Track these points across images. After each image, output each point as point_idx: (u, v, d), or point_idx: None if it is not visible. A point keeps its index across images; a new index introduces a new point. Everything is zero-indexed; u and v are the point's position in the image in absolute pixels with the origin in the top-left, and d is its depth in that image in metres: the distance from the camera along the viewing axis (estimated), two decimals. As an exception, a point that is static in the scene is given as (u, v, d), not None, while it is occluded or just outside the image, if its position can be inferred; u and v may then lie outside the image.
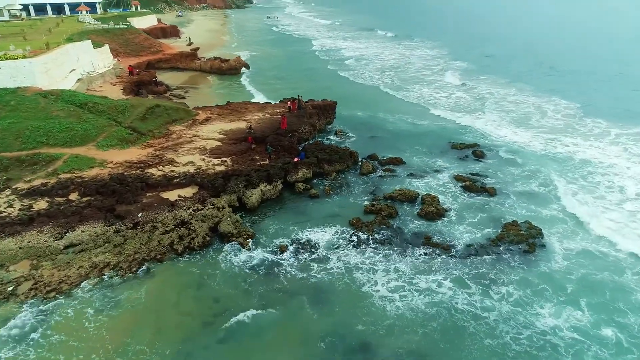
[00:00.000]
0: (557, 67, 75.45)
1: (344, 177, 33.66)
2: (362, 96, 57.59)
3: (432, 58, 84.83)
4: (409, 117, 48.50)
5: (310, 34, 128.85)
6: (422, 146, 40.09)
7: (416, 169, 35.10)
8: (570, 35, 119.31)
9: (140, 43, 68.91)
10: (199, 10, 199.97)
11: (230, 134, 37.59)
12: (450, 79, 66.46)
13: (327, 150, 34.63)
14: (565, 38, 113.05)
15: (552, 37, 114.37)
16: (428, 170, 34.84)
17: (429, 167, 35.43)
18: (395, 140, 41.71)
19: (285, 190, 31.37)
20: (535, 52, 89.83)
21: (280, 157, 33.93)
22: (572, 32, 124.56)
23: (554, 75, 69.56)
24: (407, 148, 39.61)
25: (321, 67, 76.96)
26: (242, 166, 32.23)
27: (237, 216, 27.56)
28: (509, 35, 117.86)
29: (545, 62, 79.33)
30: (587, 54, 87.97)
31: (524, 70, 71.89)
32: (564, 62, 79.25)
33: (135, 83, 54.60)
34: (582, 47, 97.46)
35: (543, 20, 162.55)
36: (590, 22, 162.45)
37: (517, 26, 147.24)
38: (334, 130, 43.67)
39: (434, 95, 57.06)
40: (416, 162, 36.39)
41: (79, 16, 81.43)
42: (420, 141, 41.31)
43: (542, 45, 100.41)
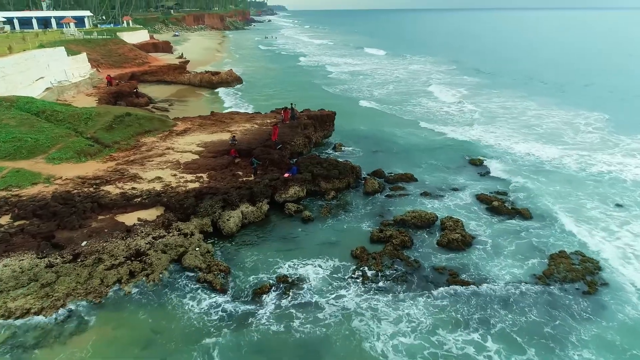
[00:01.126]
0: (569, 81, 70.61)
1: (344, 196, 27.95)
2: (363, 109, 52.41)
3: (436, 72, 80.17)
4: (418, 131, 43.10)
5: (304, 51, 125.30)
6: (435, 161, 34.50)
7: (430, 186, 29.40)
8: (578, 52, 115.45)
9: (124, 54, 64.19)
10: (196, 31, 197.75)
11: (211, 146, 32.02)
12: (460, 93, 61.29)
13: (324, 165, 28.99)
14: (572, 55, 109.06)
15: (556, 55, 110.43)
16: (445, 189, 29.14)
17: (445, 185, 29.74)
18: (404, 154, 36.17)
19: (273, 212, 25.62)
20: (540, 68, 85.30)
21: (268, 173, 28.29)
22: (580, 49, 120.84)
23: (570, 89, 64.54)
24: (418, 163, 34.01)
25: (316, 82, 72.08)
26: (221, 183, 26.56)
27: (209, 245, 21.68)
28: (511, 52, 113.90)
29: (554, 77, 74.58)
30: (598, 69, 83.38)
31: (538, 85, 66.86)
32: (577, 77, 74.53)
33: (114, 94, 49.42)
34: (595, 63, 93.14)
35: (543, 40, 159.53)
36: (591, 37, 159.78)
37: (517, 42, 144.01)
38: (333, 144, 38.17)
39: (444, 110, 51.71)
40: (430, 179, 30.72)
41: (63, 29, 77.07)
42: (432, 156, 35.75)
43: (546, 62, 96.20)
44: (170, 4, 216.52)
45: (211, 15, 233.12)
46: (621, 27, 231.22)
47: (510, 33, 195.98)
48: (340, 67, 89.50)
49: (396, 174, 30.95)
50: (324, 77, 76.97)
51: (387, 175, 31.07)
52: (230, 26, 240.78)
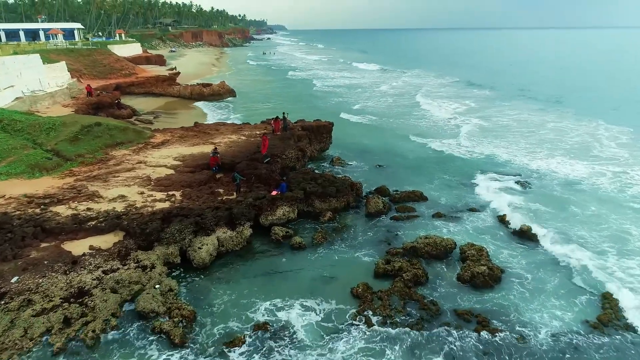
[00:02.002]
0: (581, 95, 66.98)
1: (342, 218, 23.68)
2: (363, 122, 48.44)
3: (439, 85, 76.68)
4: (424, 144, 39.05)
5: (299, 65, 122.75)
6: (447, 176, 30.34)
7: (444, 206, 25.16)
8: (583, 68, 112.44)
9: (110, 65, 60.63)
10: (194, 48, 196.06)
11: (189, 160, 27.86)
12: (467, 106, 57.41)
13: (320, 181, 24.78)
14: (580, 72, 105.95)
15: (565, 72, 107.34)
16: (461, 208, 24.90)
17: (461, 204, 25.50)
18: (410, 169, 32.02)
19: (256, 237, 21.32)
20: (546, 83, 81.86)
21: (253, 190, 24.09)
22: (585, 66, 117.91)
23: (581, 102, 60.73)
24: (427, 179, 29.84)
25: (310, 94, 68.42)
26: (197, 202, 22.32)
27: (173, 281, 17.29)
28: (515, 69, 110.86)
29: (564, 91, 70.99)
30: (607, 84, 79.90)
31: (548, 98, 63.08)
32: (586, 91, 70.95)
33: (93, 105, 45.54)
34: (604, 78, 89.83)
35: (546, 56, 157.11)
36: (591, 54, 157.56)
37: (521, 59, 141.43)
38: (330, 157, 34.05)
39: (452, 123, 47.62)
40: (442, 197, 26.49)
41: (50, 40, 73.81)
42: (442, 170, 31.60)
43: (553, 75, 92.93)
44: (168, 21, 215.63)
45: (209, 32, 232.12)
46: (624, 45, 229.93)
47: (511, 50, 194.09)
48: (336, 80, 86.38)
49: (403, 192, 26.71)
50: (319, 90, 73.48)
51: (392, 193, 26.85)
52: (229, 43, 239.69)
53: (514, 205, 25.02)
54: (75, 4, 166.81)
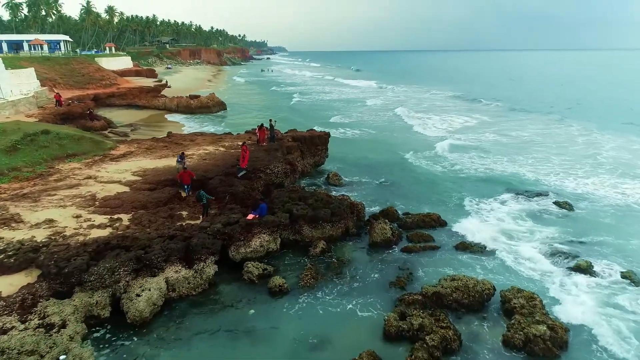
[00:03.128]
0: (602, 110, 62.04)
1: (339, 250, 18.29)
2: (365, 135, 43.37)
3: (445, 98, 71.88)
4: (436, 158, 33.87)
5: (296, 81, 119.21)
6: (465, 196, 25.01)
7: (469, 233, 19.77)
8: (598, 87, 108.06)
9: (89, 74, 55.93)
10: (191, 65, 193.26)
11: (151, 175, 22.57)
12: (481, 119, 52.31)
13: (310, 201, 19.43)
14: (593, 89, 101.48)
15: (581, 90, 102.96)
16: (491, 236, 19.48)
17: (490, 231, 20.10)
18: (421, 187, 26.74)
19: (223, 277, 15.94)
20: (563, 99, 77.13)
21: (225, 212, 18.73)
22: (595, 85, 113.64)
23: (606, 116, 55.66)
24: (442, 199, 24.54)
25: (307, 107, 63.61)
26: (149, 229, 16.97)
27: (87, 350, 11.79)
28: (526, 85, 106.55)
29: (584, 106, 66.15)
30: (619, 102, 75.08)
31: (570, 112, 58.07)
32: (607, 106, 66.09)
33: (62, 116, 40.56)
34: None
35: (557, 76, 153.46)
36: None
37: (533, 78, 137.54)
38: (326, 173, 28.75)
39: (469, 136, 42.09)
40: (464, 222, 21.12)
41: (32, 51, 69.50)
42: (459, 189, 26.31)
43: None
44: (166, 39, 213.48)
45: (208, 50, 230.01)
46: (624, 65, 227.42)
47: (515, 69, 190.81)
48: (332, 95, 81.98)
49: (416, 215, 21.31)
50: (314, 103, 68.79)
51: (402, 216, 21.49)
52: (227, 62, 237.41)
53: (560, 234, 19.62)
54: (72, 21, 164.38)
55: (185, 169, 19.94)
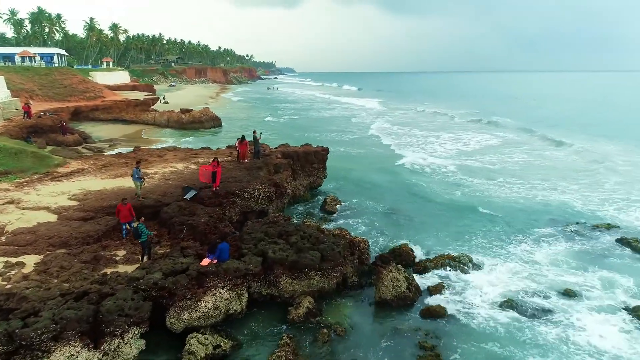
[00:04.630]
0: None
1: (332, 311, 12.87)
2: (372, 153, 38.13)
3: (458, 116, 66.60)
4: (455, 183, 28.35)
5: (300, 98, 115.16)
6: (501, 228, 19.50)
7: (514, 285, 14.21)
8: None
9: (72, 86, 51.51)
10: (197, 84, 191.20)
11: (92, 200, 17.37)
12: (503, 137, 46.76)
13: (295, 238, 14.03)
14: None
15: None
16: (550, 287, 13.94)
17: (545, 282, 14.52)
18: (441, 218, 21.26)
19: (157, 357, 10.43)
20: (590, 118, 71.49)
21: (173, 253, 13.39)
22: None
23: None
24: (470, 233, 19.06)
25: (308, 123, 58.65)
26: (58, 279, 11.71)
27: None
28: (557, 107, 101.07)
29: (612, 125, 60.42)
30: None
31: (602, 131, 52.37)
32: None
33: (29, 129, 35.84)
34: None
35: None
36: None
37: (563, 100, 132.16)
38: (322, 197, 23.42)
39: (490, 159, 36.41)
40: (504, 268, 15.57)
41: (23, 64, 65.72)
42: (492, 220, 20.82)
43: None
44: (172, 58, 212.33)
45: (214, 69, 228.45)
46: (629, 85, 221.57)
47: (531, 90, 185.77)
48: (337, 111, 77.33)
49: (439, 258, 15.81)
50: (317, 119, 63.94)
51: (420, 260, 16.00)
52: (233, 80, 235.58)
53: (633, 278, 14.02)
54: (78, 39, 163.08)
55: (124, 202, 14.61)
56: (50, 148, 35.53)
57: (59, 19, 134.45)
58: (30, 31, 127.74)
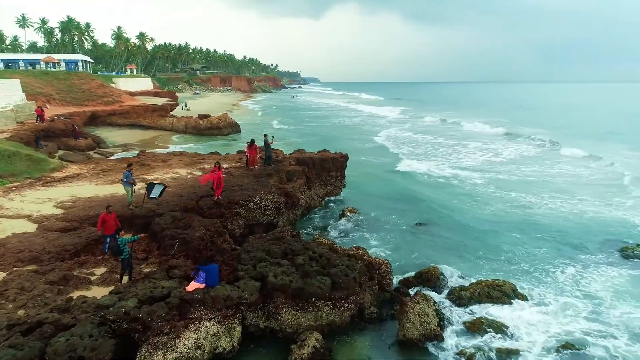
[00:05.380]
0: None
1: (345, 351, 10.42)
2: (393, 161, 35.50)
3: (490, 125, 63.13)
4: (491, 193, 25.56)
5: (323, 105, 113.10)
6: (548, 250, 16.73)
7: (572, 321, 11.45)
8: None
9: (90, 90, 50.93)
10: (221, 92, 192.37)
11: (78, 208, 15.51)
12: (540, 144, 43.43)
13: (302, 259, 11.71)
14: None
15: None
16: (619, 330, 11.16)
17: (616, 323, 11.73)
18: (474, 235, 18.61)
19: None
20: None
21: (156, 274, 11.24)
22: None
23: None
24: (510, 254, 16.41)
25: (329, 130, 56.43)
26: (15, 304, 9.71)
27: None
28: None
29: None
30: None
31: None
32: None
33: (41, 133, 34.84)
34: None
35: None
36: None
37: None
38: (340, 208, 21.08)
39: (533, 169, 33.27)
40: (558, 302, 12.83)
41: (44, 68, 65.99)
42: (536, 239, 18.06)
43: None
44: (197, 66, 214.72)
45: (239, 78, 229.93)
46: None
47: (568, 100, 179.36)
48: (357, 119, 75.02)
49: (476, 286, 13.18)
50: (336, 127, 61.66)
51: (454, 286, 13.44)
52: (257, 89, 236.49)
53: None
54: (107, 48, 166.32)
55: (109, 211, 12.60)
56: (61, 152, 34.64)
57: (88, 27, 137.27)
58: (60, 40, 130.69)
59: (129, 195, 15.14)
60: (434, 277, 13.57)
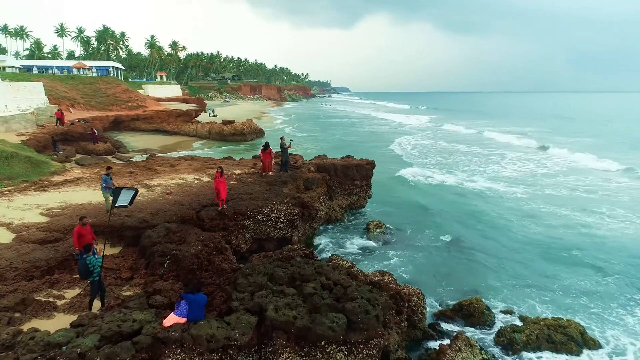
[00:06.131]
0: None
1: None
2: (420, 171, 32.73)
3: (529, 134, 59.23)
4: (539, 211, 22.50)
5: (352, 112, 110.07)
6: (619, 281, 13.82)
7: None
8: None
9: (115, 95, 50.42)
10: (250, 100, 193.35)
11: (67, 215, 13.71)
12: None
13: (310, 287, 9.34)
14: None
15: None
16: None
17: None
18: (524, 260, 15.77)
19: None
20: None
21: (133, 300, 9.12)
22: None
23: None
24: (572, 286, 13.57)
25: (356, 137, 53.95)
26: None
27: None
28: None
29: None
30: None
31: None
32: None
33: (60, 136, 34.12)
34: None
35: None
36: None
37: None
38: (365, 222, 18.64)
39: (594, 183, 29.58)
40: (638, 347, 9.92)
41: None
42: (601, 267, 15.05)
43: None
44: (229, 75, 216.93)
45: (269, 86, 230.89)
46: None
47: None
48: (386, 127, 72.00)
49: (530, 325, 10.45)
50: (362, 134, 59.10)
51: (499, 322, 10.77)
52: (287, 98, 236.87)
53: None
54: (141, 57, 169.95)
55: (84, 223, 10.64)
56: (79, 156, 33.70)
57: (123, 37, 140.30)
58: (96, 48, 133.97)
59: (107, 203, 13.29)
60: (478, 311, 10.96)
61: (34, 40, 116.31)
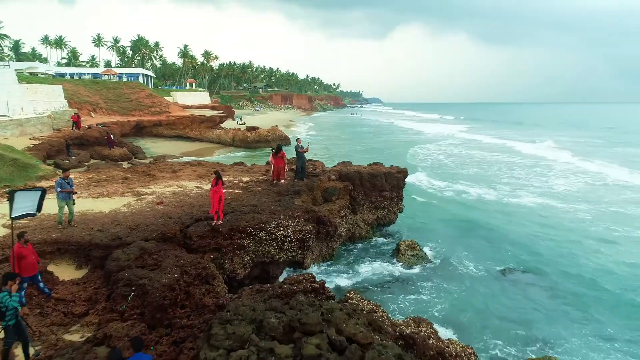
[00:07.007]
0: None
1: None
2: (460, 182, 29.23)
3: (580, 144, 54.36)
4: (611, 235, 18.78)
5: (383, 121, 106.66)
6: None
7: None
8: None
9: (138, 100, 49.24)
10: (281, 109, 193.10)
11: (38, 225, 11.28)
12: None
13: (313, 344, 6.40)
14: None
15: None
16: None
17: None
18: (604, 298, 12.27)
19: None
20: None
21: (79, 346, 6.44)
22: None
23: None
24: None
25: (386, 145, 50.61)
26: None
27: None
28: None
29: None
30: None
31: None
32: None
33: (75, 140, 32.63)
34: None
35: None
36: None
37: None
38: (395, 241, 15.53)
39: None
40: None
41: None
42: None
43: None
44: (260, 85, 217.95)
45: (300, 96, 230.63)
46: None
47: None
48: (419, 136, 68.22)
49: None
50: (389, 142, 55.72)
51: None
52: (318, 107, 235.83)
53: None
54: (175, 66, 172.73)
55: (24, 241, 8.23)
56: (93, 161, 32.13)
57: (157, 46, 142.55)
58: (131, 57, 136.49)
59: (60, 211, 10.88)
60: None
61: (70, 49, 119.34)
